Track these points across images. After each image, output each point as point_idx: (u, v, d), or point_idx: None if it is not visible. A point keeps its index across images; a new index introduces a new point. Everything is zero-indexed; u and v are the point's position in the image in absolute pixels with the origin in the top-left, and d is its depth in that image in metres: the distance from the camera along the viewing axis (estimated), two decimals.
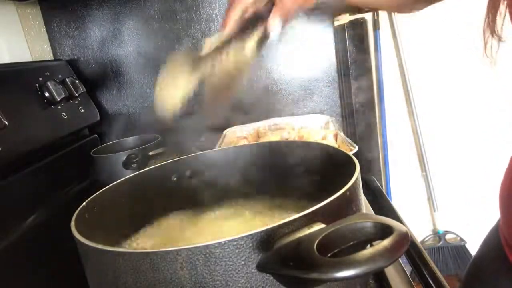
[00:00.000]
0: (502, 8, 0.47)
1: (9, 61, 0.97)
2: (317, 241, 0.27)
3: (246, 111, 1.01)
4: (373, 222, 0.29)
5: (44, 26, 1.11)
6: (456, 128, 1.40)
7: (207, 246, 0.29)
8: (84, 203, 0.43)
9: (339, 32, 1.09)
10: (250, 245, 0.30)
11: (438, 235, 1.51)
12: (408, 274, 0.54)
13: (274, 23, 0.57)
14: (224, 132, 1.01)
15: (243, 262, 0.30)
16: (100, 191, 0.47)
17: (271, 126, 1.03)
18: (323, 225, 0.30)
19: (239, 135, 1.01)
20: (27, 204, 0.77)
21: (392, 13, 1.28)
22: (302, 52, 1.10)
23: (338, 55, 1.12)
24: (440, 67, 1.34)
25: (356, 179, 0.38)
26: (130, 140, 1.07)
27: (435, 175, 1.43)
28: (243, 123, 1.03)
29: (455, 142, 1.42)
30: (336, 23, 1.08)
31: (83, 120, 1.01)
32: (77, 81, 0.99)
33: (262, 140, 0.95)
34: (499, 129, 1.34)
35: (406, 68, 1.35)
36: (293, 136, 0.94)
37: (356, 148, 0.77)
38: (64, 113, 0.91)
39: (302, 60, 1.12)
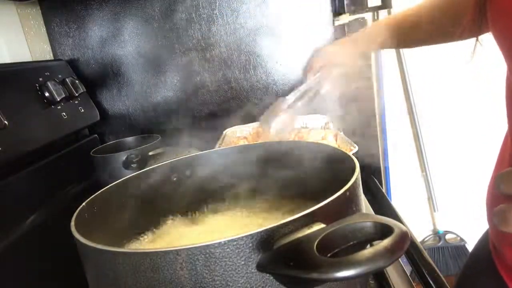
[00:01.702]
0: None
1: (9, 61, 0.97)
2: (317, 241, 0.27)
3: (246, 111, 1.01)
4: (373, 222, 0.29)
5: (44, 26, 1.11)
6: (456, 128, 1.40)
7: (207, 246, 0.29)
8: (84, 203, 0.43)
9: (339, 32, 1.09)
10: (250, 245, 0.30)
11: (438, 235, 1.51)
12: (408, 274, 0.54)
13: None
14: (224, 132, 1.01)
15: (243, 262, 0.30)
16: (100, 191, 0.47)
17: None
18: (323, 225, 0.30)
19: (239, 135, 1.01)
20: (27, 204, 0.77)
21: (391, 13, 1.28)
22: (302, 52, 1.10)
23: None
24: (440, 67, 1.34)
25: (356, 179, 0.38)
26: (130, 140, 1.07)
27: (435, 175, 1.44)
28: (243, 123, 1.03)
29: (455, 142, 1.42)
30: (336, 23, 1.09)
31: (83, 120, 1.01)
32: (77, 81, 0.99)
33: (262, 140, 0.95)
34: (499, 129, 1.34)
35: (406, 68, 1.35)
36: (293, 136, 0.94)
37: (356, 148, 0.77)
38: (64, 113, 0.91)
39: (302, 60, 1.12)
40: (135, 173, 0.53)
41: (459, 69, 1.33)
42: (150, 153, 0.87)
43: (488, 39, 0.54)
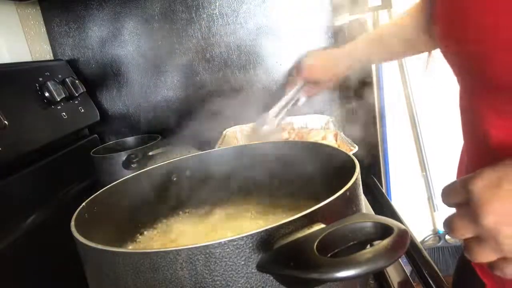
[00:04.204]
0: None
1: (9, 61, 0.97)
2: (317, 241, 0.27)
3: (246, 111, 1.01)
4: (373, 222, 0.29)
5: (44, 26, 1.11)
6: (457, 128, 1.40)
7: (207, 246, 0.29)
8: (84, 203, 0.43)
9: (339, 32, 1.09)
10: (250, 245, 0.30)
11: (438, 235, 1.51)
12: (408, 274, 0.54)
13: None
14: (224, 132, 1.01)
15: (243, 262, 0.30)
16: (100, 191, 0.47)
17: None
18: (323, 225, 0.30)
19: (238, 135, 1.01)
20: (27, 204, 0.77)
21: (391, 13, 1.29)
22: (302, 52, 1.10)
23: None
24: (440, 67, 1.34)
25: (356, 179, 0.38)
26: (130, 140, 1.07)
27: (435, 175, 1.43)
28: (243, 123, 1.03)
29: (455, 142, 1.41)
30: (336, 23, 1.08)
31: (83, 120, 1.01)
32: (77, 81, 0.99)
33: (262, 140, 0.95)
34: None
35: (406, 67, 1.35)
36: (293, 136, 0.94)
37: (356, 148, 0.77)
38: (64, 113, 0.91)
39: None
40: (135, 173, 0.53)
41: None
42: (150, 153, 0.88)
43: None
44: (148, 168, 0.54)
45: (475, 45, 0.42)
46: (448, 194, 0.36)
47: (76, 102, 0.99)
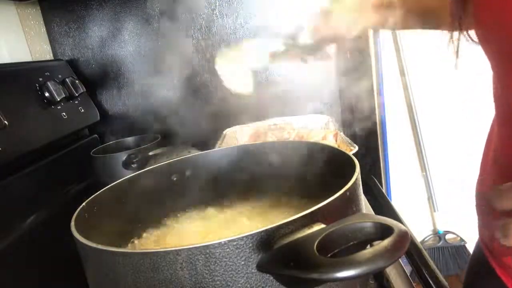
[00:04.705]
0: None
1: (9, 61, 0.97)
2: (317, 241, 0.27)
3: (246, 111, 1.01)
4: (373, 222, 0.29)
5: (44, 26, 1.11)
6: (456, 128, 1.40)
7: (207, 246, 0.29)
8: (83, 204, 0.43)
9: None
10: (250, 245, 0.30)
11: (438, 235, 1.51)
12: (408, 274, 0.54)
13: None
14: (224, 132, 1.01)
15: (243, 262, 0.30)
16: (100, 191, 0.47)
17: (271, 126, 1.03)
18: (323, 225, 0.30)
19: (238, 135, 1.01)
20: (27, 204, 0.77)
21: None
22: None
23: (338, 54, 1.12)
24: (440, 67, 1.34)
25: (356, 179, 0.38)
26: (130, 140, 1.07)
27: (435, 175, 1.43)
28: (243, 123, 1.03)
29: (455, 142, 1.42)
30: None
31: (83, 120, 1.01)
32: (77, 81, 0.99)
33: (262, 140, 0.95)
34: None
35: (406, 68, 1.35)
36: (293, 136, 0.94)
37: (356, 148, 0.77)
38: (64, 113, 0.91)
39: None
40: (135, 173, 0.53)
41: (461, 70, 1.33)
42: (150, 153, 0.87)
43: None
44: (148, 168, 0.54)
45: None
46: (503, 197, 0.33)
47: (76, 102, 0.99)
